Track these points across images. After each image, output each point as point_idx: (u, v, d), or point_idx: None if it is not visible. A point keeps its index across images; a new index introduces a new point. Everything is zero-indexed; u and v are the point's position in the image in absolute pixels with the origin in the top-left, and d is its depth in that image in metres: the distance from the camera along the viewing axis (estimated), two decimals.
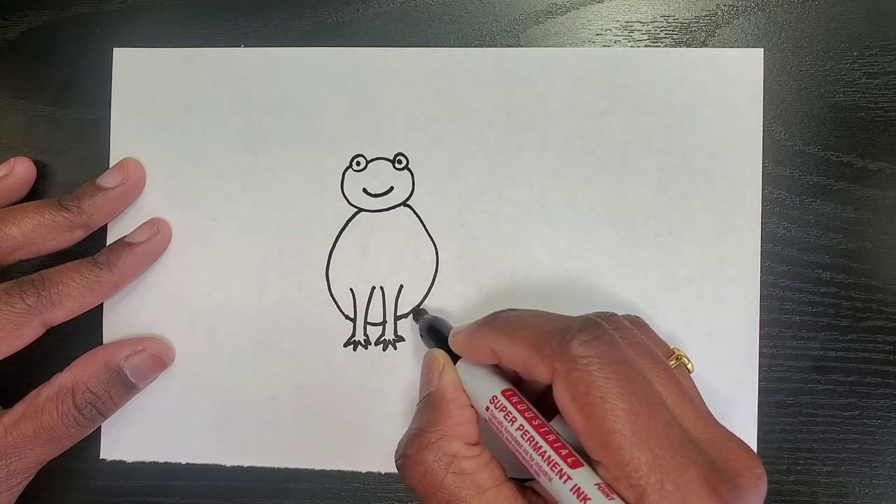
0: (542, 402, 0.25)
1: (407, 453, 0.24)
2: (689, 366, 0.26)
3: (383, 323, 0.32)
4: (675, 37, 0.32)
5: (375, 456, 0.32)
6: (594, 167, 0.32)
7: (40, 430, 0.29)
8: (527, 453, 0.22)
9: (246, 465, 0.32)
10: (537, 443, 0.22)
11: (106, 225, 0.33)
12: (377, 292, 0.32)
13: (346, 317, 0.32)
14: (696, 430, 0.22)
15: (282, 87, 0.33)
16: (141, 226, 0.32)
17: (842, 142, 0.32)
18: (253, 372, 0.32)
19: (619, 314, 0.25)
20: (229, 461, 0.32)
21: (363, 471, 0.32)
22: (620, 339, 0.23)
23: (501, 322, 0.25)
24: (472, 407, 0.25)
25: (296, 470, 0.32)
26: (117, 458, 0.33)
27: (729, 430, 0.22)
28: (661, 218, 0.32)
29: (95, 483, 0.33)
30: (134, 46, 0.33)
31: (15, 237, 0.30)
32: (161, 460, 0.33)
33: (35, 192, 0.33)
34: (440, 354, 0.27)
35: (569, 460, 0.21)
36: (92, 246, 0.32)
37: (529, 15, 0.33)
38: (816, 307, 0.31)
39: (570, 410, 0.21)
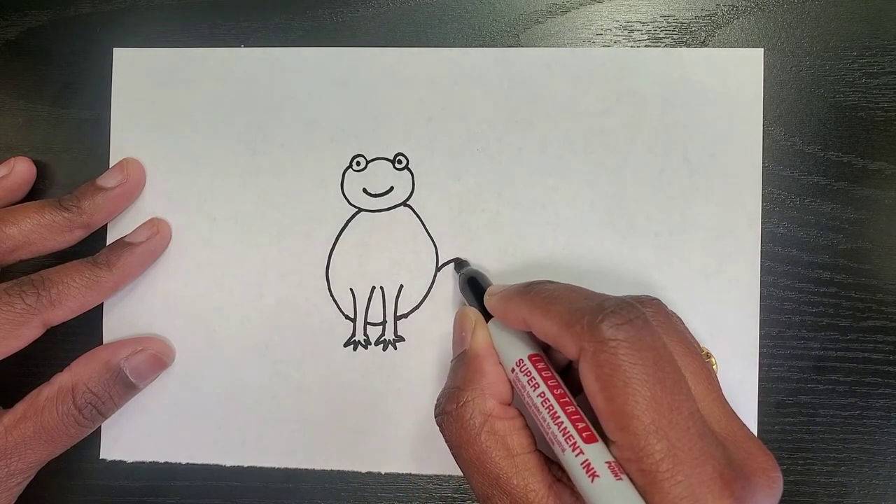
0: (568, 373, 0.25)
1: (447, 409, 0.25)
2: (715, 367, 0.26)
3: (383, 323, 0.32)
4: (675, 37, 0.32)
5: (375, 456, 0.32)
6: (594, 167, 0.32)
7: (40, 430, 0.29)
8: (544, 420, 0.23)
9: (246, 465, 0.32)
10: (555, 412, 0.22)
11: (106, 225, 0.33)
12: (377, 292, 0.32)
13: (346, 317, 0.32)
14: (720, 425, 0.22)
15: (282, 87, 0.33)
16: (141, 226, 0.32)
17: (842, 142, 0.32)
18: (253, 372, 0.32)
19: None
20: (229, 461, 0.33)
21: (363, 471, 0.32)
22: (658, 323, 0.23)
23: (537, 294, 0.25)
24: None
25: (296, 470, 0.32)
26: (117, 458, 0.33)
27: (750, 430, 0.22)
28: (661, 218, 0.32)
29: (95, 483, 0.33)
30: (134, 46, 0.33)
31: (15, 237, 0.30)
32: (161, 460, 0.33)
33: (35, 192, 0.33)
34: (472, 312, 0.27)
35: (584, 434, 0.21)
36: (92, 246, 0.32)
37: (529, 15, 0.33)
38: (816, 307, 0.31)
39: (592, 390, 0.21)
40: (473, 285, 0.29)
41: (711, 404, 0.22)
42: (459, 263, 0.32)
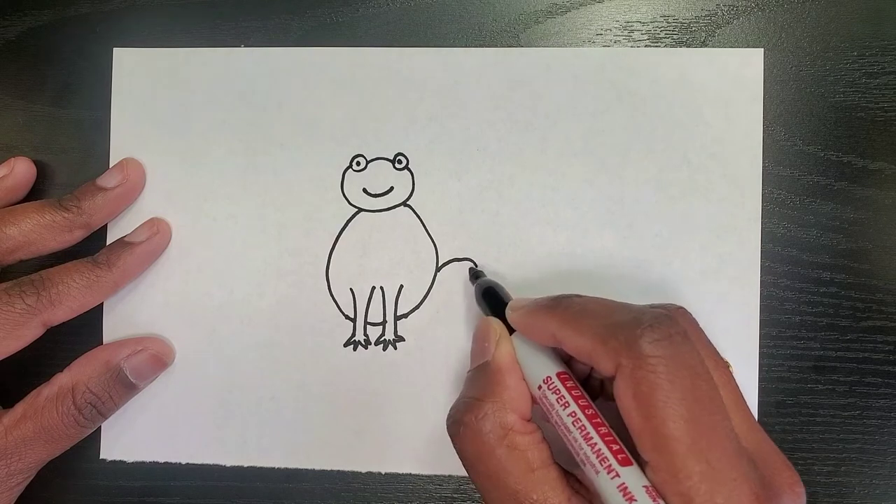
0: (586, 386, 0.25)
1: (464, 420, 0.24)
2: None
3: (383, 323, 0.32)
4: (675, 37, 0.32)
5: (375, 456, 0.32)
6: (594, 167, 0.32)
7: (40, 430, 0.29)
8: (576, 441, 0.22)
9: (246, 465, 0.32)
10: (588, 433, 0.22)
11: (106, 225, 0.33)
12: (377, 292, 0.32)
13: (346, 317, 0.32)
14: (749, 440, 0.21)
15: (282, 87, 0.33)
16: (141, 226, 0.32)
17: (842, 142, 0.32)
18: (253, 372, 0.32)
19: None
20: (229, 461, 0.33)
21: (363, 471, 0.32)
22: (692, 338, 0.22)
23: (567, 308, 0.24)
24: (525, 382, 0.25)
25: (296, 470, 0.32)
26: (117, 458, 0.33)
27: (774, 444, 0.22)
28: (661, 218, 0.32)
29: (95, 483, 0.33)
30: (134, 46, 0.33)
31: (15, 237, 0.30)
32: (161, 460, 0.33)
33: (35, 192, 0.33)
34: (496, 324, 0.26)
35: (619, 457, 0.21)
36: (92, 246, 0.32)
37: (529, 15, 0.33)
38: (816, 307, 0.31)
39: (629, 408, 0.20)
40: (492, 297, 0.28)
41: (741, 419, 0.22)
42: (475, 273, 0.31)
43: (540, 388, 0.24)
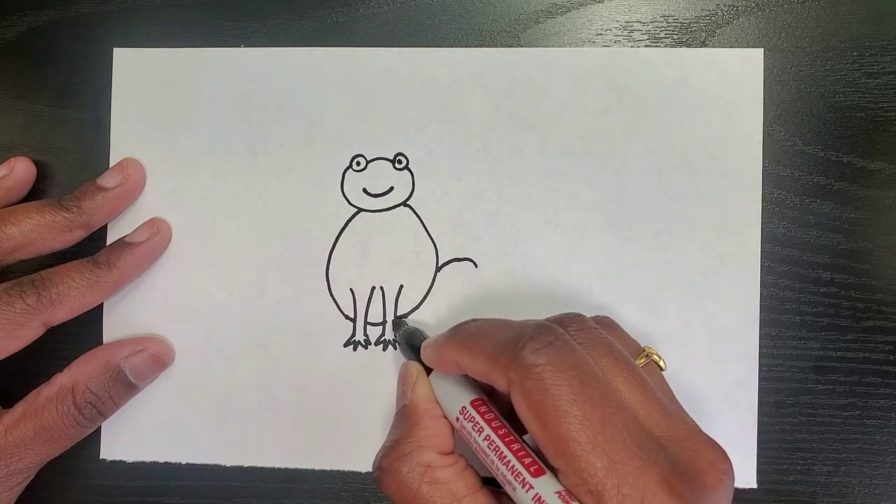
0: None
1: (382, 465, 0.24)
2: (661, 363, 0.26)
3: (383, 323, 0.32)
4: (675, 37, 0.32)
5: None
6: (594, 167, 0.32)
7: (40, 430, 0.29)
8: (493, 463, 0.22)
9: (246, 465, 0.32)
10: (502, 452, 0.22)
11: (106, 225, 0.33)
12: (377, 292, 0.32)
13: (346, 317, 0.32)
14: (660, 428, 0.22)
15: (282, 87, 0.33)
16: (141, 226, 0.32)
17: (842, 142, 0.32)
18: (253, 372, 0.32)
19: (587, 315, 0.25)
20: (229, 461, 0.33)
21: (363, 471, 0.32)
22: (580, 341, 0.23)
23: (463, 334, 0.25)
24: (446, 418, 0.25)
25: (296, 470, 0.32)
26: (117, 458, 0.33)
27: (697, 426, 0.22)
28: (661, 218, 0.32)
29: (95, 483, 0.33)
30: (134, 46, 0.33)
31: (15, 237, 0.30)
32: (161, 460, 0.33)
33: (35, 192, 0.33)
34: (413, 367, 0.27)
35: (531, 469, 0.21)
36: (92, 246, 0.32)
37: (529, 15, 0.33)
38: (816, 307, 0.31)
39: (527, 419, 0.21)
40: (410, 344, 0.29)
41: (648, 409, 0.22)
42: (398, 323, 0.32)
43: (458, 419, 0.24)
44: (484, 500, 0.23)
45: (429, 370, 0.27)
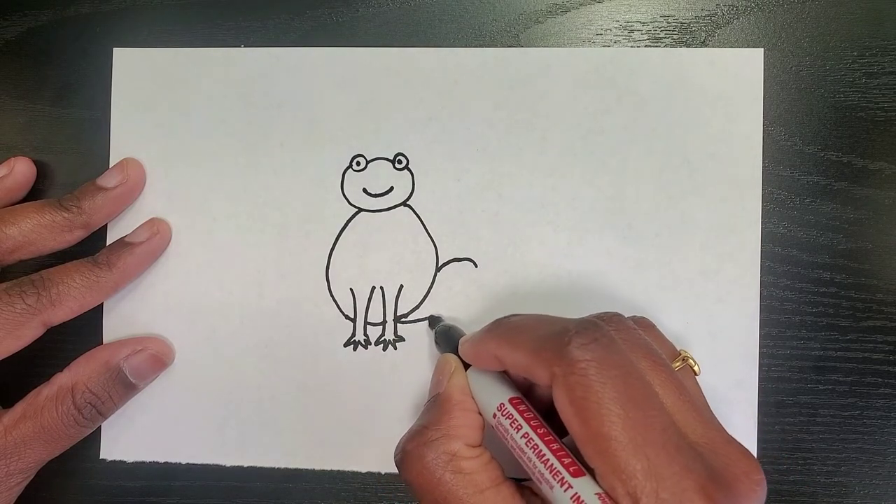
0: (552, 415, 0.25)
1: (406, 448, 0.24)
2: (696, 368, 0.26)
3: (383, 323, 0.32)
4: (675, 37, 0.32)
5: (375, 456, 0.32)
6: (594, 167, 0.32)
7: (40, 430, 0.29)
8: (530, 461, 0.22)
9: (246, 465, 0.32)
10: (541, 450, 0.22)
11: (106, 225, 0.33)
12: (377, 292, 0.32)
13: (346, 317, 0.32)
14: (696, 434, 0.22)
15: (282, 87, 0.33)
16: (141, 226, 0.32)
17: (842, 142, 0.32)
18: (253, 372, 0.32)
19: (625, 315, 0.25)
20: (229, 461, 0.33)
21: (363, 471, 0.32)
22: (621, 340, 0.22)
23: (504, 328, 0.25)
24: (480, 414, 0.25)
25: (296, 470, 0.32)
26: (117, 458, 0.33)
27: (730, 434, 0.22)
28: (661, 218, 0.32)
29: (95, 483, 0.33)
30: (134, 46, 0.33)
31: (15, 237, 0.30)
32: (161, 460, 0.33)
33: (35, 192, 0.33)
34: (451, 359, 0.27)
35: (571, 469, 0.21)
36: (92, 246, 0.32)
37: (529, 15, 0.33)
38: (816, 307, 0.31)
39: (567, 415, 0.21)
40: (447, 341, 0.29)
41: (686, 415, 0.22)
42: (433, 319, 0.32)
43: (495, 416, 0.24)
44: (507, 492, 0.23)
45: (466, 366, 0.27)
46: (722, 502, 0.19)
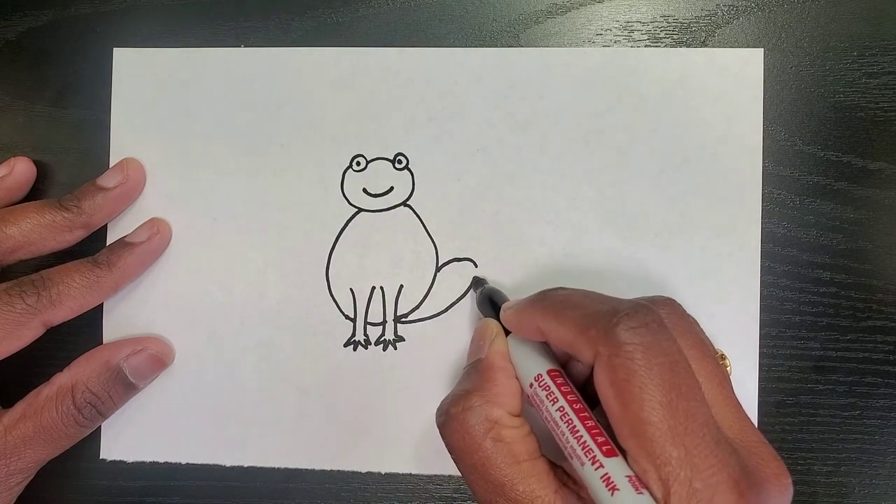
0: (587, 387, 0.25)
1: (450, 412, 0.24)
2: (729, 368, 0.26)
3: (383, 323, 0.32)
4: (675, 37, 0.32)
5: (375, 456, 0.32)
6: (594, 167, 0.32)
7: (40, 429, 0.29)
8: (563, 435, 0.22)
9: (246, 465, 0.32)
10: (574, 425, 0.22)
11: (106, 225, 0.33)
12: (377, 292, 0.32)
13: (346, 317, 0.32)
14: (732, 430, 0.22)
15: (282, 87, 0.33)
16: (141, 226, 0.32)
17: (842, 142, 0.32)
18: (253, 372, 0.32)
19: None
20: (229, 461, 0.33)
21: (363, 471, 0.32)
22: (672, 326, 0.22)
23: (550, 301, 0.24)
24: (518, 380, 0.25)
25: (296, 470, 0.32)
26: (117, 458, 0.33)
27: (762, 435, 0.22)
28: (661, 218, 0.32)
29: (95, 483, 0.33)
30: (134, 46, 0.33)
31: (15, 237, 0.30)
32: (161, 460, 0.33)
33: (35, 192, 0.33)
34: (493, 324, 0.27)
35: (604, 448, 0.21)
36: (92, 246, 0.32)
37: (529, 15, 0.33)
38: (816, 307, 0.31)
39: (607, 395, 0.21)
40: (491, 301, 0.29)
41: (725, 409, 0.22)
42: (478, 281, 0.31)
43: (531, 385, 0.24)
44: (542, 468, 0.23)
45: (507, 332, 0.27)
46: (753, 501, 0.19)
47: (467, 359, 0.28)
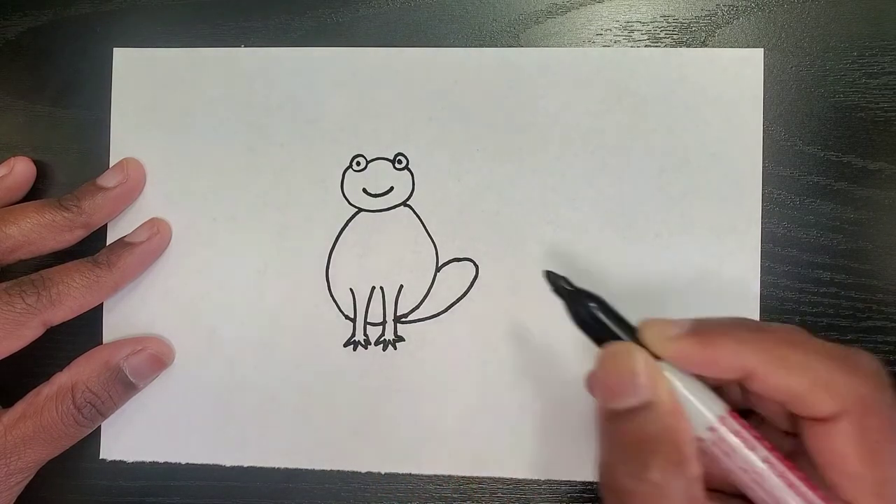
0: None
1: (628, 488, 0.20)
2: None
3: (383, 323, 0.32)
4: (675, 37, 0.32)
5: (375, 456, 0.32)
6: (594, 167, 0.32)
7: (40, 429, 0.29)
8: (771, 490, 0.19)
9: (246, 465, 0.32)
10: (790, 480, 0.19)
11: (106, 225, 0.33)
12: (377, 292, 0.32)
13: (346, 317, 0.32)
14: None
15: (282, 87, 0.33)
16: (141, 226, 0.32)
17: (842, 142, 0.32)
18: (253, 372, 0.32)
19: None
20: (229, 461, 0.32)
21: (363, 471, 0.32)
22: None
23: (771, 342, 0.21)
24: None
25: (296, 470, 0.32)
26: (117, 458, 0.33)
27: None
28: (661, 218, 0.32)
29: (95, 483, 0.33)
30: (134, 46, 0.33)
31: (15, 237, 0.30)
32: (161, 460, 0.33)
33: (35, 192, 0.33)
34: (639, 352, 0.21)
35: None
36: (92, 246, 0.32)
37: (529, 15, 0.33)
38: (816, 307, 0.31)
39: (848, 454, 0.19)
40: (615, 318, 0.22)
41: None
42: (556, 279, 0.24)
43: (713, 429, 0.20)
44: None
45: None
46: None
47: (604, 399, 0.21)
